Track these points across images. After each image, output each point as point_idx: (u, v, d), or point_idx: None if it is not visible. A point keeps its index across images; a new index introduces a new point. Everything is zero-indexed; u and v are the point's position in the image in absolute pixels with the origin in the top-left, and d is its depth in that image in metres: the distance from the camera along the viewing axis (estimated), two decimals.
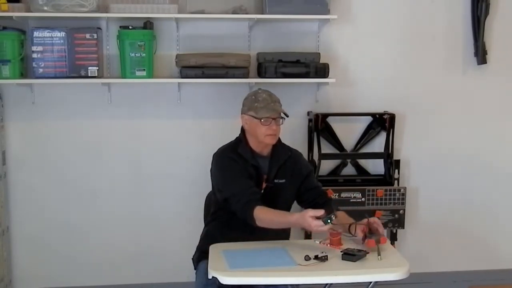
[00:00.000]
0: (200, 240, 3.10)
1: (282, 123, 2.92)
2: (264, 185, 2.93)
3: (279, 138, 3.01)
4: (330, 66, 3.64)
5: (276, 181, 2.94)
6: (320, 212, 2.58)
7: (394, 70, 3.89)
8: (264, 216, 2.76)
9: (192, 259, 3.09)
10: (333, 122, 3.85)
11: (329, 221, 2.56)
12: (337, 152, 3.88)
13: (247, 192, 2.83)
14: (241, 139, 2.99)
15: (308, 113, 3.82)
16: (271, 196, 2.92)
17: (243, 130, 3.00)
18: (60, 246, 3.81)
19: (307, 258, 2.58)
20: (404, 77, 3.90)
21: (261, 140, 2.91)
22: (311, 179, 3.05)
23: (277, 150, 2.99)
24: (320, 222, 2.56)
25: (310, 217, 2.58)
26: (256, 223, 2.78)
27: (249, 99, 2.94)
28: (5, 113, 3.66)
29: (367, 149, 3.93)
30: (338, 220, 2.70)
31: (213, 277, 2.49)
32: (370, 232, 2.70)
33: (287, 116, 2.93)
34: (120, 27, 3.53)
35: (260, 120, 2.86)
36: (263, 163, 2.95)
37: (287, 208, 3.01)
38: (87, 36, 3.47)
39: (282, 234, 2.96)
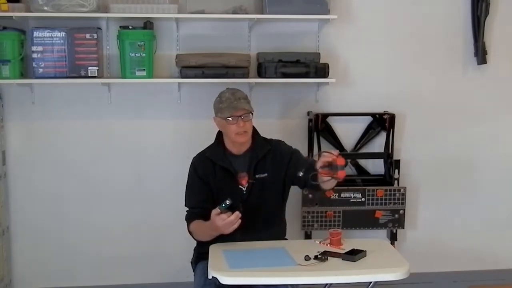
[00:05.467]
0: (196, 241, 3.10)
1: (251, 118, 2.91)
2: (245, 183, 2.94)
3: (257, 132, 3.03)
4: (330, 66, 3.64)
5: (257, 176, 2.93)
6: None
7: (394, 70, 3.89)
8: (194, 229, 2.90)
9: (191, 262, 3.10)
10: (333, 122, 3.85)
11: (223, 205, 2.64)
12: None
13: (190, 209, 2.97)
14: (217, 141, 3.02)
15: (308, 113, 3.82)
16: (257, 192, 2.93)
17: (220, 131, 3.03)
18: (60, 246, 3.80)
19: (307, 258, 2.58)
20: (404, 77, 3.90)
21: (233, 140, 2.92)
22: (295, 160, 2.95)
23: (255, 145, 2.99)
24: (222, 215, 2.62)
25: (215, 216, 2.65)
26: (194, 238, 2.95)
27: (216, 100, 2.98)
28: (5, 113, 3.66)
29: (367, 149, 3.92)
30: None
31: (212, 277, 2.49)
32: (330, 165, 2.67)
33: (252, 113, 2.91)
34: (120, 27, 3.52)
35: (226, 120, 2.87)
36: (242, 161, 2.95)
37: (278, 201, 3.01)
38: (87, 36, 3.46)
39: (276, 233, 2.97)
